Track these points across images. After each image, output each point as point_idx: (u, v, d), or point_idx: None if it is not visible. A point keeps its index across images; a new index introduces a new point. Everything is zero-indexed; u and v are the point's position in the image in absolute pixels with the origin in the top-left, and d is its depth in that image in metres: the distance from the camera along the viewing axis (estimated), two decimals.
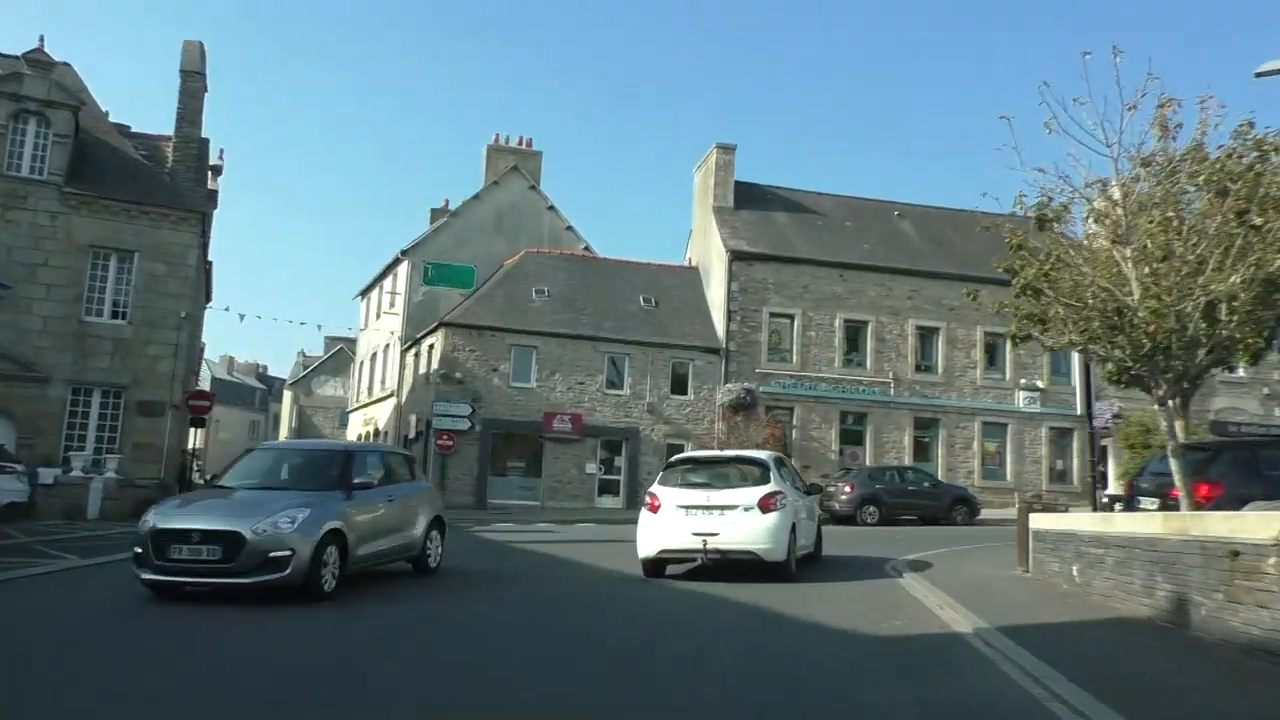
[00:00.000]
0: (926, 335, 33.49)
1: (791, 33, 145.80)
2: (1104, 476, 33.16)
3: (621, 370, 31.81)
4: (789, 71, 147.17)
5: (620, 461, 31.58)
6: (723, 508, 11.30)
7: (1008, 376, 33.51)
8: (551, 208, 38.82)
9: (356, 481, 10.03)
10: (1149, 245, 9.82)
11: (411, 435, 33.72)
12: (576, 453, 31.14)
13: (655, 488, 12.20)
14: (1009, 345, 30.39)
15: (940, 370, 33.20)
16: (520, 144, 39.17)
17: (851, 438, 32.54)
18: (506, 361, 31.04)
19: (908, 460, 32.00)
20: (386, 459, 11.55)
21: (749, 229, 34.02)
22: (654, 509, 11.75)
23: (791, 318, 32.62)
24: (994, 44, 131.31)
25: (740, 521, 11.19)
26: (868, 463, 31.64)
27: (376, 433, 40.68)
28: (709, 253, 34.92)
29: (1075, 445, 33.50)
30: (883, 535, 20.71)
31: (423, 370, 33.47)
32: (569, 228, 38.70)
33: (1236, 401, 34.03)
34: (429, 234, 37.76)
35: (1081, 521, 10.19)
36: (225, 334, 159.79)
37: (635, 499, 30.81)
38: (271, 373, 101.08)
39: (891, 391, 32.63)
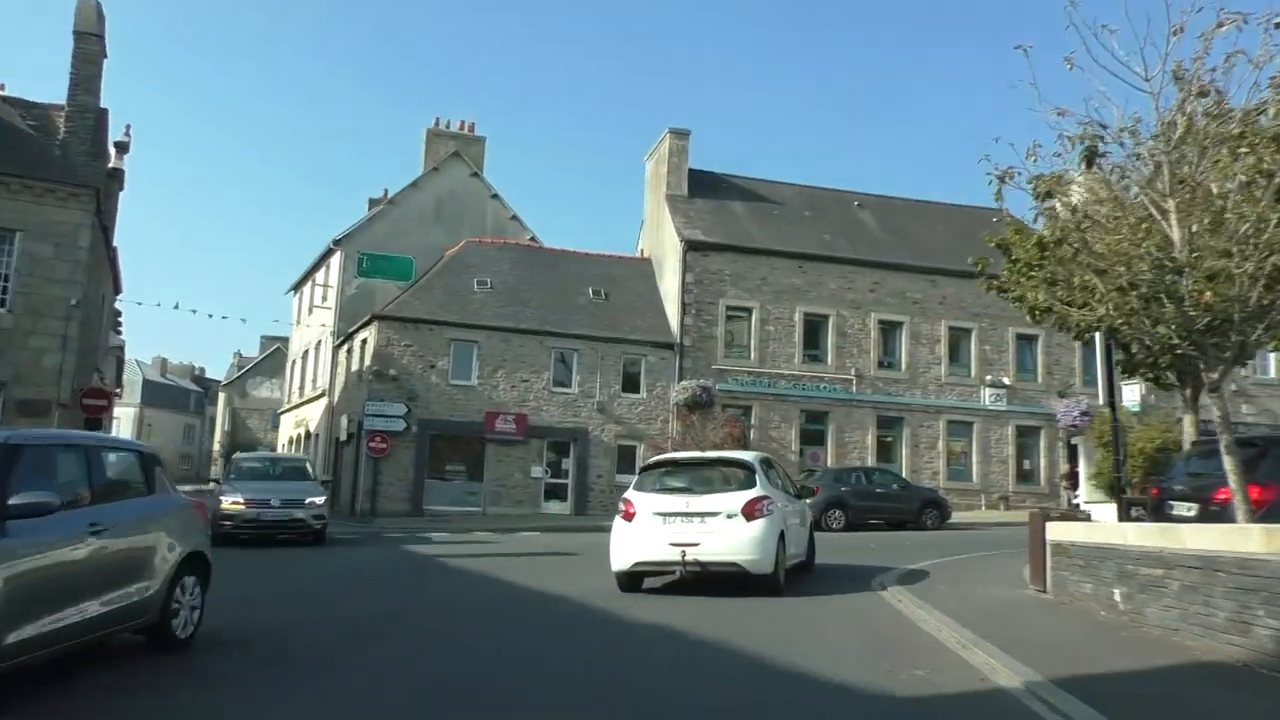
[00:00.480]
0: (889, 330, 31.95)
1: (747, 14, 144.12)
2: (1074, 477, 31.95)
3: (569, 367, 29.77)
4: (746, 55, 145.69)
5: (568, 464, 29.53)
6: (703, 515, 10.33)
7: (973, 373, 32.12)
8: (495, 196, 36.59)
9: (17, 501, 5.50)
10: (1214, 190, 8.07)
11: (343, 438, 31.32)
12: (521, 455, 29.02)
13: (630, 493, 11.14)
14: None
15: (903, 366, 31.68)
16: (462, 128, 36.89)
17: (812, 438, 30.87)
18: (445, 357, 28.81)
19: (870, 461, 30.45)
20: (94, 458, 6.70)
21: (704, 218, 32.21)
22: (628, 517, 10.71)
23: (749, 311, 30.86)
24: (962, 28, 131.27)
25: (722, 530, 10.18)
26: (829, 463, 30.01)
27: (308, 435, 38.09)
28: (662, 243, 33.05)
29: (1042, 444, 32.23)
30: (854, 543, 18.92)
31: (355, 368, 31.08)
32: (514, 217, 36.52)
33: (1202, 397, 32.98)
34: (363, 223, 35.30)
35: (1125, 534, 8.38)
36: (160, 335, 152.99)
37: (584, 504, 28.85)
38: (210, 375, 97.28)
39: (854, 389, 31.03)
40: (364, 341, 29.82)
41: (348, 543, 19.17)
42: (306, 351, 39.92)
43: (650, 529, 10.42)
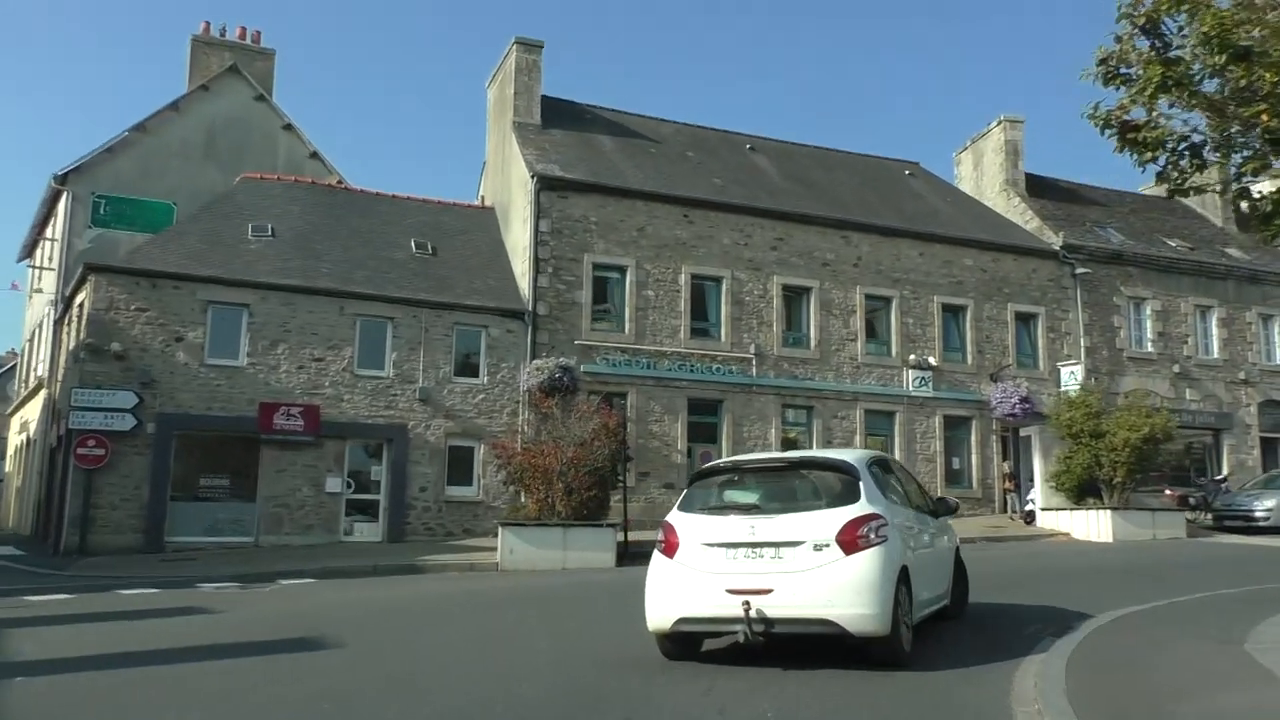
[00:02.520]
0: (795, 297, 25.60)
1: None
2: (1011, 477, 26.45)
3: (381, 342, 21.87)
4: None
5: (380, 473, 21.65)
6: (777, 545, 6.85)
7: (893, 351, 26.15)
8: (289, 127, 28.25)
9: None
10: None
11: (54, 443, 22.32)
12: (311, 462, 20.92)
13: (674, 515, 7.61)
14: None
15: (813, 343, 25.37)
16: (243, 37, 28.36)
17: (703, 433, 24.11)
18: (200, 327, 20.41)
19: None
20: None
21: (562, 151, 24.99)
22: (669, 549, 7.26)
23: (622, 271, 23.82)
24: None
25: (807, 569, 6.73)
26: None
27: (29, 442, 28.47)
28: (509, 185, 25.64)
29: (973, 438, 26.58)
30: None
31: (74, 345, 22.14)
32: (314, 155, 28.30)
33: (1145, 381, 28.35)
34: (100, 155, 26.22)
35: None
36: None
37: (401, 528, 21.13)
38: None
39: (753, 371, 24.48)
40: (81, 305, 21.01)
41: None
42: (34, 332, 30.25)
43: (699, 569, 7.11)
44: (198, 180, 26.29)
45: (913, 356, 26.07)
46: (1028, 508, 24.32)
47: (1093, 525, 20.88)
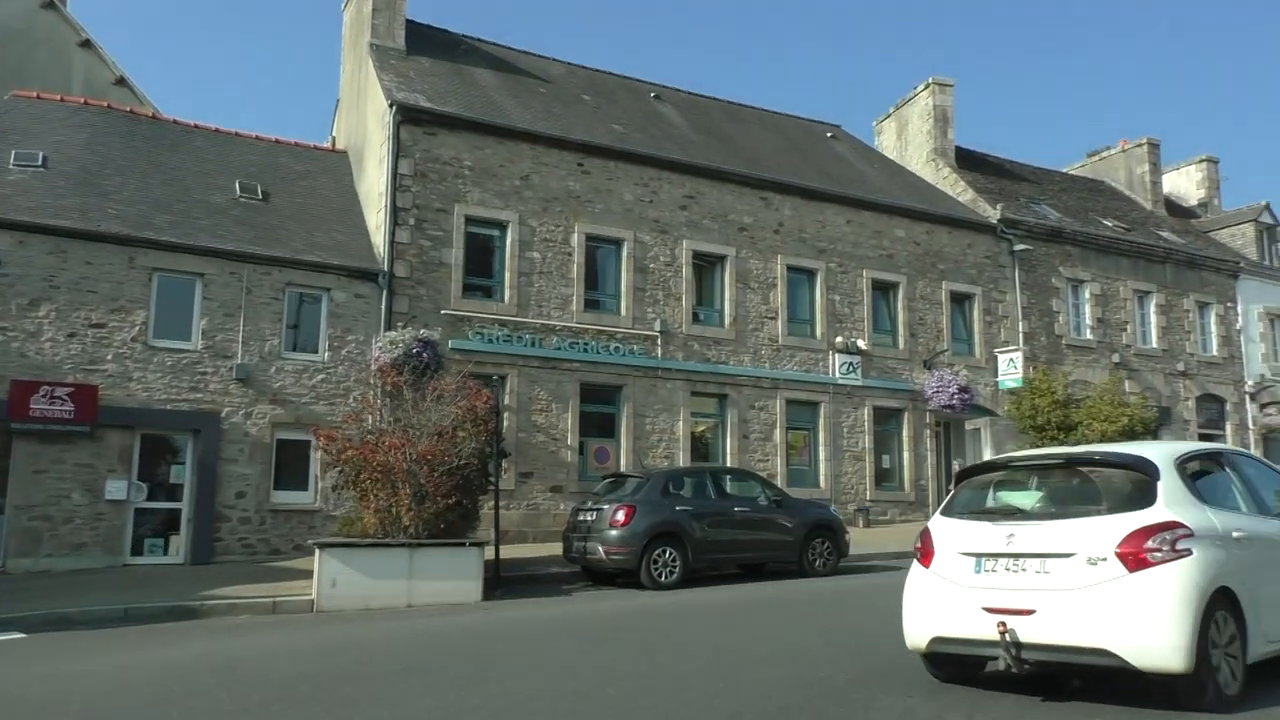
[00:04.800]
0: (707, 267, 21.80)
1: None
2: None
3: (187, 305, 16.97)
4: None
5: (182, 475, 16.75)
6: (1043, 558, 5.71)
7: (818, 332, 22.66)
8: (87, 44, 22.80)
9: None
10: None
11: None
12: (86, 460, 15.89)
13: (934, 519, 6.64)
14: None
15: (727, 320, 21.61)
16: None
17: (598, 424, 20.04)
18: None
19: (682, 458, 20.19)
20: None
21: (430, 81, 20.52)
22: (925, 559, 6.38)
23: (502, 227, 19.51)
24: None
25: (1078, 589, 5.53)
26: (624, 464, 19.37)
27: None
28: (364, 123, 21.02)
29: (905, 433, 23.31)
30: (780, 621, 8.11)
31: None
32: (121, 80, 22.93)
33: (1085, 372, 25.72)
34: None
35: None
36: None
37: (209, 547, 16.35)
38: None
39: (658, 352, 20.54)
40: None
41: None
42: None
43: (954, 581, 6.08)
44: None
45: (840, 339, 22.63)
46: None
47: None
